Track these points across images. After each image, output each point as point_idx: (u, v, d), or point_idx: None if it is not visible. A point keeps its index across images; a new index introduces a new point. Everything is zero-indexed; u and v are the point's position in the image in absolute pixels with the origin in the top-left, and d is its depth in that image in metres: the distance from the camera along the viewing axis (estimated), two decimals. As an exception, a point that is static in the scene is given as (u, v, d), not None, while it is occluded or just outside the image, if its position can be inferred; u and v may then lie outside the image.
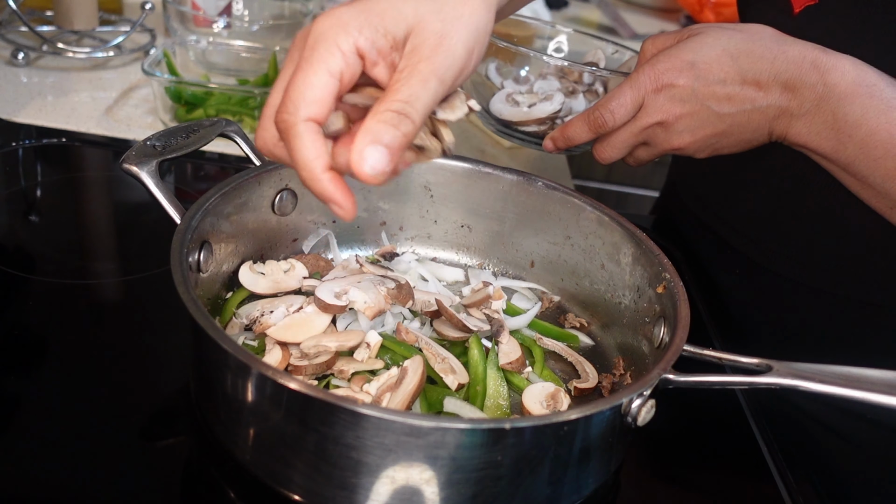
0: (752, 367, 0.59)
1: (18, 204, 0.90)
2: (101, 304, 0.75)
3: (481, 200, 0.80)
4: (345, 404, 0.48)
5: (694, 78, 0.67)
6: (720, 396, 0.75)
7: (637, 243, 0.70)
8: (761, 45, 0.66)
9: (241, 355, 0.50)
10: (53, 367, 0.64)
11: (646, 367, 0.66)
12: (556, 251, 0.79)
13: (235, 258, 0.71)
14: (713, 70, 0.66)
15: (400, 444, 0.49)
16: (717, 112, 0.68)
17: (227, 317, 0.68)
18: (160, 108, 1.10)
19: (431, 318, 0.70)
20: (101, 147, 1.04)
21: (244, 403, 0.54)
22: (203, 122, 0.72)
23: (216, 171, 1.03)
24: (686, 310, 0.61)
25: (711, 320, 0.86)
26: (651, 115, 0.70)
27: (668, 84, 0.68)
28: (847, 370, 0.56)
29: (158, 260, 0.79)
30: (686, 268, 0.94)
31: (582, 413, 0.51)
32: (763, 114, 0.67)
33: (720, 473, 0.67)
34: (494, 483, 0.52)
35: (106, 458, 0.57)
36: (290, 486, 0.54)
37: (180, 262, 0.56)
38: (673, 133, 0.70)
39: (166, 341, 0.70)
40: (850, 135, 0.64)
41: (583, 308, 0.78)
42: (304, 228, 0.77)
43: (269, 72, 1.20)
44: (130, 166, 0.63)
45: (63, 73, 1.21)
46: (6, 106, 1.08)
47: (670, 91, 0.68)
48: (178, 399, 0.64)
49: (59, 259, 0.80)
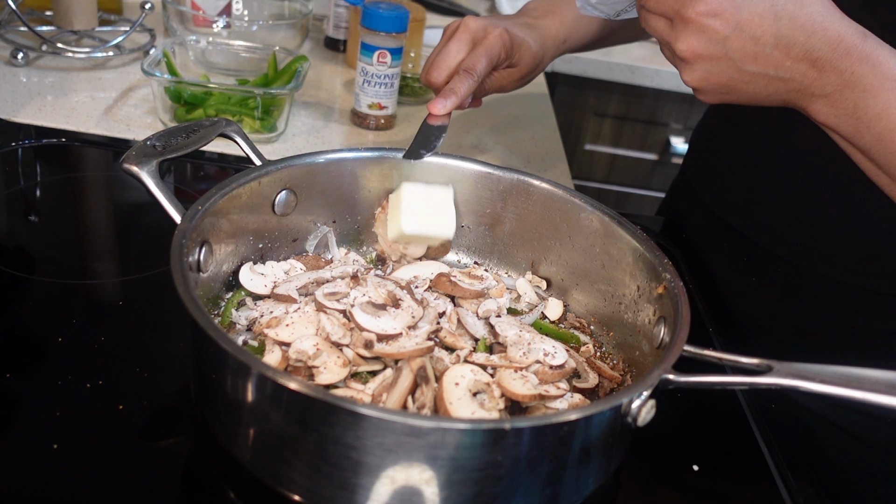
0: (752, 368, 0.59)
1: (18, 204, 0.90)
2: (101, 304, 0.75)
3: (481, 200, 0.80)
4: (345, 404, 0.48)
5: (732, 27, 0.63)
6: (720, 396, 0.75)
7: (637, 243, 0.70)
8: (807, 12, 0.62)
9: (241, 355, 0.50)
10: (53, 367, 0.64)
11: (646, 367, 0.66)
12: (556, 251, 0.79)
13: (235, 258, 0.71)
14: (753, 24, 0.63)
15: (400, 444, 0.49)
16: (738, 66, 0.65)
17: (227, 317, 0.68)
18: (160, 108, 1.10)
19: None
20: (101, 147, 1.04)
21: (244, 403, 0.54)
22: (203, 122, 0.72)
23: (216, 171, 1.03)
24: (686, 310, 0.61)
25: (711, 320, 0.86)
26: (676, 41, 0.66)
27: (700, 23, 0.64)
28: (847, 370, 0.56)
29: (158, 260, 0.79)
30: (686, 268, 0.94)
31: (582, 413, 0.51)
32: (784, 83, 0.65)
33: (720, 473, 0.68)
34: (494, 483, 0.52)
35: (106, 458, 0.57)
36: (290, 486, 0.54)
37: (180, 262, 0.56)
38: (687, 67, 0.67)
39: (166, 341, 0.70)
40: (868, 126, 0.64)
41: (583, 308, 0.78)
42: (304, 228, 0.77)
43: (269, 72, 1.20)
44: (130, 166, 0.63)
45: (62, 73, 1.21)
46: (6, 106, 1.08)
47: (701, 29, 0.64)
48: (178, 399, 0.64)
49: (59, 259, 0.80)
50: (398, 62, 1.16)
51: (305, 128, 1.18)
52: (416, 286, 0.73)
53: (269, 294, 0.70)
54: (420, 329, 0.67)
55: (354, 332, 0.64)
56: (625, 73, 1.78)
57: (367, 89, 1.17)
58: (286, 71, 1.18)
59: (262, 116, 1.10)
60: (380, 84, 1.16)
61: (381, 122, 1.21)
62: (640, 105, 1.86)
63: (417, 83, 1.33)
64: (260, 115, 1.10)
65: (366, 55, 1.15)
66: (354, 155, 0.77)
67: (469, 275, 0.75)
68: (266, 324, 0.65)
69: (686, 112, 1.87)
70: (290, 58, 1.19)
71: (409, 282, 0.73)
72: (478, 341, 0.69)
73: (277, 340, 0.63)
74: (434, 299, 0.72)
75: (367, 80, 1.16)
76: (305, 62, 1.16)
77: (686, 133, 1.90)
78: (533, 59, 0.94)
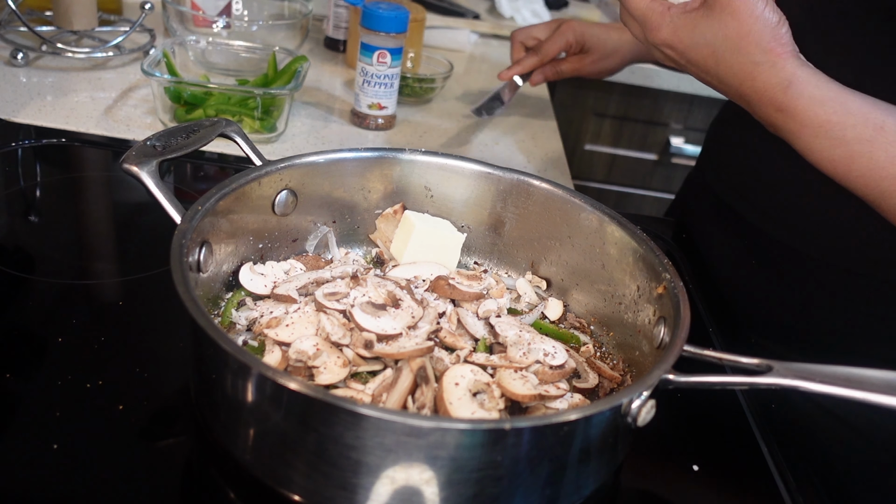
0: (752, 368, 0.59)
1: (18, 204, 0.90)
2: (101, 304, 0.75)
3: (481, 200, 0.80)
4: (345, 404, 0.48)
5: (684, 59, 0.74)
6: (720, 396, 0.75)
7: (637, 243, 0.70)
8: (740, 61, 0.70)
9: (241, 355, 0.50)
10: (53, 367, 0.64)
11: (646, 367, 0.66)
12: (556, 251, 0.79)
13: (235, 258, 0.71)
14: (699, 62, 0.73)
15: (400, 444, 0.49)
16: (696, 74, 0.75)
17: (227, 317, 0.68)
18: (160, 109, 1.10)
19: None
20: (101, 147, 1.04)
21: (244, 403, 0.54)
22: (203, 122, 0.72)
23: (216, 171, 1.03)
24: (686, 310, 0.61)
25: (711, 320, 0.86)
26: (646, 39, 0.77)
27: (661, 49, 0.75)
28: (847, 370, 0.56)
29: (158, 260, 0.79)
30: (686, 268, 0.94)
31: (582, 413, 0.51)
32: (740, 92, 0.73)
33: (720, 473, 0.68)
34: (494, 483, 0.52)
35: (106, 458, 0.57)
36: (290, 487, 0.54)
37: (180, 262, 0.56)
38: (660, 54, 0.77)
39: (166, 341, 0.70)
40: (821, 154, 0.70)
41: (583, 308, 0.78)
42: (304, 228, 0.77)
43: (269, 72, 1.20)
44: (130, 166, 0.63)
45: (62, 73, 1.21)
46: (5, 106, 1.08)
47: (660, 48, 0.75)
48: (178, 399, 0.64)
49: (59, 259, 0.80)
50: (398, 62, 1.16)
51: (305, 128, 1.18)
52: (415, 286, 0.73)
53: (269, 294, 0.70)
54: (420, 329, 0.67)
55: (354, 333, 0.64)
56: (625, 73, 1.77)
57: (367, 89, 1.17)
58: (286, 71, 1.18)
59: (262, 116, 1.10)
60: (380, 84, 1.16)
61: (380, 122, 1.21)
62: (640, 105, 1.86)
63: (417, 83, 1.33)
64: (260, 116, 1.10)
65: (366, 55, 1.15)
66: (354, 155, 0.77)
67: (468, 276, 0.75)
68: (266, 324, 0.65)
69: (686, 112, 1.87)
70: (290, 58, 1.19)
71: (409, 282, 0.73)
72: (478, 341, 0.69)
73: (277, 340, 0.63)
74: (434, 299, 0.72)
75: (367, 80, 1.16)
76: (305, 62, 1.16)
77: (686, 133, 1.90)
78: (603, 49, 1.21)
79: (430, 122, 1.29)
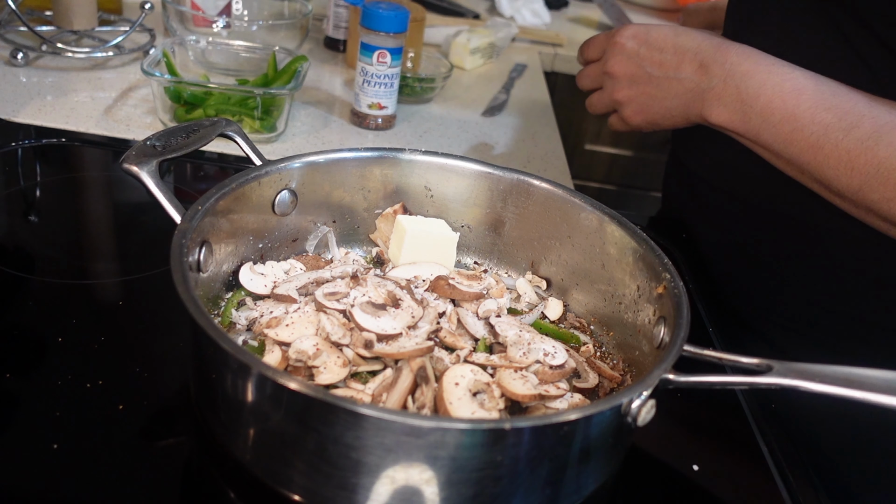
0: (752, 367, 0.59)
1: (18, 204, 0.90)
2: (101, 304, 0.75)
3: (481, 200, 0.80)
4: (345, 404, 0.48)
5: (641, 43, 0.84)
6: (720, 396, 0.75)
7: (637, 243, 0.70)
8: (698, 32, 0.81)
9: (241, 355, 0.50)
10: (53, 367, 0.64)
11: (646, 367, 0.66)
12: (556, 251, 0.79)
13: (235, 258, 0.71)
14: (658, 39, 0.82)
15: (400, 444, 0.49)
16: (648, 73, 0.83)
17: (227, 317, 0.68)
18: (160, 108, 1.10)
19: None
20: (101, 147, 1.04)
21: (244, 403, 0.54)
22: (203, 122, 0.72)
23: (216, 171, 1.03)
24: (686, 310, 0.61)
25: (711, 320, 0.86)
26: (606, 64, 0.88)
27: (622, 44, 0.85)
28: (848, 370, 0.56)
29: (158, 260, 0.79)
30: (686, 268, 0.94)
31: (582, 413, 0.51)
32: (681, 84, 0.81)
33: (720, 473, 0.67)
34: (494, 483, 0.52)
35: (106, 458, 0.57)
36: (290, 486, 0.54)
37: (180, 262, 0.56)
38: (616, 83, 0.87)
39: (166, 341, 0.70)
40: (751, 105, 0.75)
41: (583, 308, 0.78)
42: (304, 228, 0.77)
43: (269, 72, 1.20)
44: (130, 166, 0.63)
45: (62, 73, 1.21)
46: (5, 106, 1.08)
47: (622, 50, 0.85)
48: (178, 399, 0.64)
49: (59, 259, 0.80)
50: (398, 62, 1.16)
51: (305, 128, 1.18)
52: (415, 286, 0.73)
53: (269, 294, 0.70)
54: (420, 329, 0.67)
55: (354, 332, 0.64)
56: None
57: (367, 89, 1.17)
58: (286, 71, 1.18)
59: (261, 116, 1.10)
60: (380, 84, 1.16)
61: (380, 122, 1.21)
62: (640, 105, 1.85)
63: (417, 83, 1.33)
64: (260, 115, 1.10)
65: (366, 55, 1.15)
66: (354, 155, 0.77)
67: (468, 276, 0.75)
68: (266, 324, 0.65)
69: (686, 112, 1.87)
70: (290, 58, 1.19)
71: (409, 281, 0.73)
72: (478, 341, 0.69)
73: (277, 340, 0.63)
74: (434, 299, 0.72)
75: (367, 80, 1.16)
76: (305, 62, 1.16)
77: (686, 133, 1.90)
78: None
79: (430, 122, 1.29)
